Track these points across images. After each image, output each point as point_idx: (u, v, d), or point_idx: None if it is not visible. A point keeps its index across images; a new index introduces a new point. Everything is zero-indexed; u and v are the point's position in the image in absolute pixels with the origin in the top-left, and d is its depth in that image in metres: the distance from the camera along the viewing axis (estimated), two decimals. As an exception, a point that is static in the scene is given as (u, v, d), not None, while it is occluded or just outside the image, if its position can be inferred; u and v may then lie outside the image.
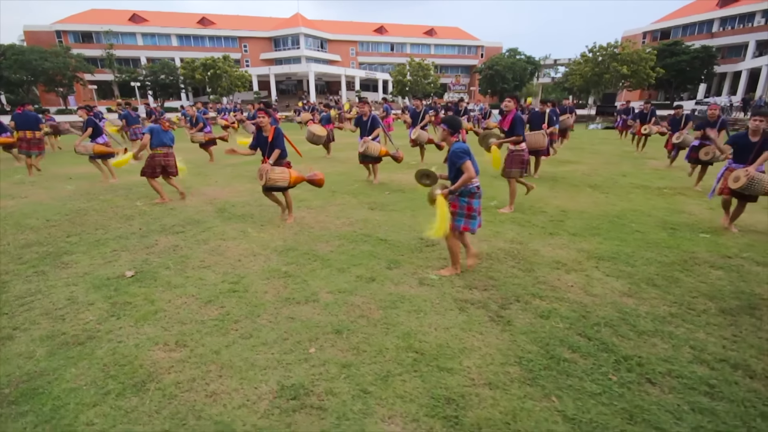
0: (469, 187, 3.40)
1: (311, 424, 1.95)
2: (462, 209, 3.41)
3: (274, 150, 4.54)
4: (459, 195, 3.42)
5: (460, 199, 3.43)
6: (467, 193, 3.42)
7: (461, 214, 3.41)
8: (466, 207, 3.41)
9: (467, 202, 3.42)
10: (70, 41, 42.62)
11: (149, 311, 2.99)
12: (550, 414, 1.99)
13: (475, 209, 3.44)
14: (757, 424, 1.92)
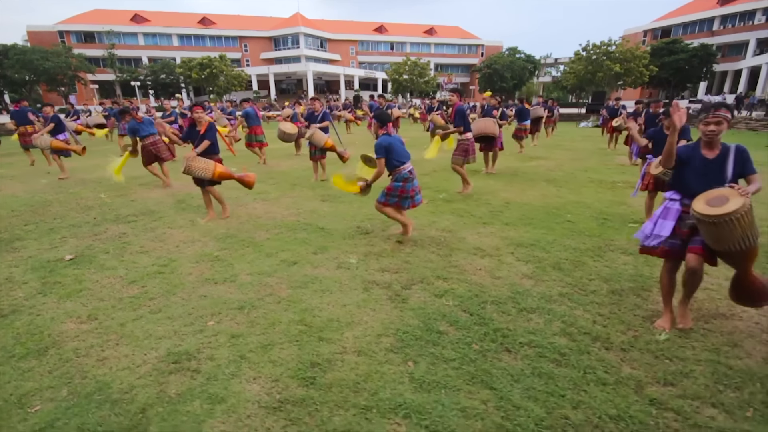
0: (402, 173, 3.78)
1: (181, 384, 2.15)
2: (395, 191, 3.86)
3: (203, 141, 4.64)
4: (394, 180, 3.81)
5: (395, 183, 3.84)
6: (401, 178, 3.84)
7: (394, 195, 3.86)
8: (399, 190, 3.85)
9: (401, 186, 3.85)
10: (72, 41, 43.24)
11: (74, 290, 3.21)
12: (400, 376, 2.18)
13: (408, 191, 3.86)
14: (590, 388, 2.08)
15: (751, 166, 2.40)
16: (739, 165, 2.40)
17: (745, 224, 2.16)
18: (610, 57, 26.84)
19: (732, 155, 2.42)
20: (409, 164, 3.90)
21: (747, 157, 2.40)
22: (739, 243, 2.21)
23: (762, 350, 2.37)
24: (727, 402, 1.97)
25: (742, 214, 2.13)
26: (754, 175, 2.39)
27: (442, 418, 1.88)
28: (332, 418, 1.90)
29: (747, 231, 2.18)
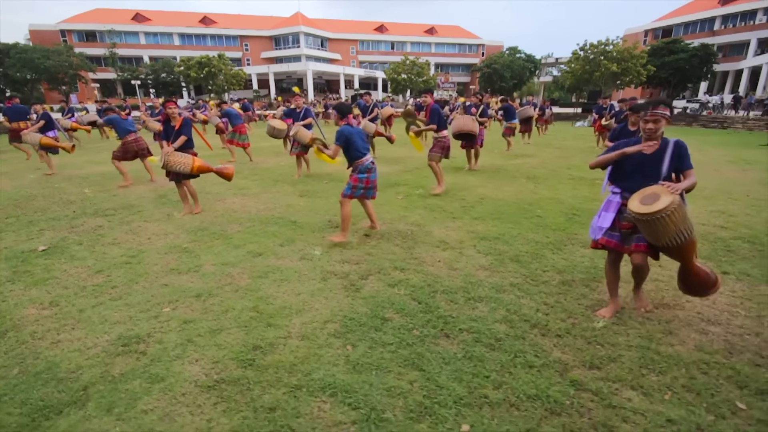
0: (365, 164, 3.87)
1: (126, 365, 2.24)
2: (361, 182, 3.90)
3: (179, 136, 4.73)
4: (358, 172, 3.89)
5: (359, 175, 3.90)
6: (364, 169, 3.90)
7: (360, 187, 3.90)
8: (365, 181, 3.92)
9: (365, 176, 3.92)
10: (74, 40, 43.54)
11: (42, 278, 3.31)
12: (337, 358, 2.26)
13: (372, 181, 3.97)
14: (515, 371, 2.15)
15: (688, 162, 2.45)
16: (676, 160, 2.46)
17: (676, 220, 2.21)
18: (607, 56, 26.76)
19: (670, 150, 2.47)
20: (369, 155, 3.97)
21: (684, 152, 2.45)
22: (674, 238, 2.27)
23: (696, 338, 2.44)
24: (648, 385, 2.04)
25: (671, 211, 2.18)
26: (688, 170, 2.44)
27: (367, 397, 1.96)
28: (262, 396, 1.98)
29: (680, 226, 2.24)
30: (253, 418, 1.84)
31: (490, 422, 1.81)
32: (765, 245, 3.88)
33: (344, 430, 1.78)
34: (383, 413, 1.86)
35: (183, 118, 4.80)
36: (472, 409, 1.89)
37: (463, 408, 1.89)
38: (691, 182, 2.41)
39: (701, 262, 2.54)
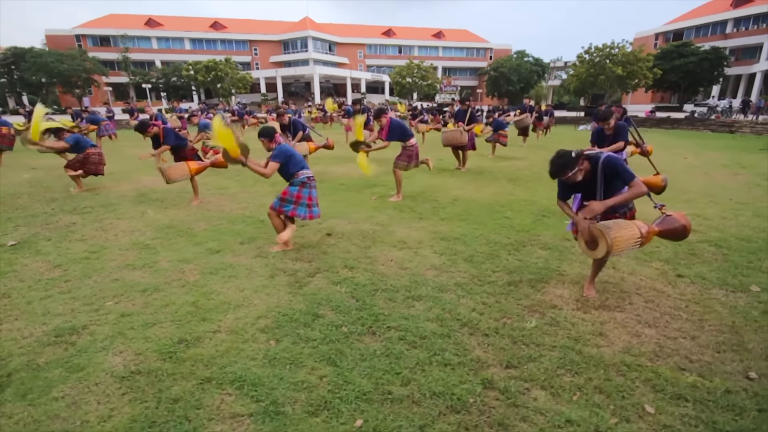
0: (300, 177, 3.70)
1: (53, 354, 2.29)
2: (291, 196, 3.70)
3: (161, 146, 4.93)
4: (290, 184, 3.73)
5: (290, 187, 3.72)
6: (297, 182, 3.72)
7: (289, 200, 3.69)
8: (296, 195, 3.70)
9: (297, 190, 3.71)
10: (88, 45, 44.78)
11: (2, 272, 3.40)
12: (257, 353, 2.28)
13: (304, 197, 3.71)
14: (429, 368, 2.14)
15: (625, 176, 2.53)
16: (610, 181, 2.59)
17: (620, 249, 2.50)
18: (612, 60, 26.43)
19: (600, 175, 2.58)
20: (308, 171, 3.78)
21: (614, 170, 2.54)
22: (633, 248, 2.59)
23: (626, 340, 2.40)
24: (559, 385, 2.01)
25: (612, 251, 2.47)
26: (631, 182, 2.52)
27: (272, 391, 1.97)
28: (171, 388, 2.01)
29: (628, 243, 2.51)
30: (155, 408, 1.87)
31: (385, 417, 1.81)
32: (731, 249, 3.79)
33: (240, 422, 1.80)
34: (282, 407, 1.87)
35: (164, 127, 4.94)
36: (371, 405, 1.88)
37: (363, 403, 1.89)
38: (629, 195, 2.52)
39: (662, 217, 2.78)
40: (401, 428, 1.75)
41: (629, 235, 2.55)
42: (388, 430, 1.74)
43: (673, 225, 2.75)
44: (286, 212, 3.69)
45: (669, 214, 2.84)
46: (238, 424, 1.79)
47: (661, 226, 2.77)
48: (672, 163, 9.09)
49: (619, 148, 4.43)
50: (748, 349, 2.30)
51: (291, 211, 3.70)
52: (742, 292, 2.97)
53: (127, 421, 1.80)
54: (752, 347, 2.32)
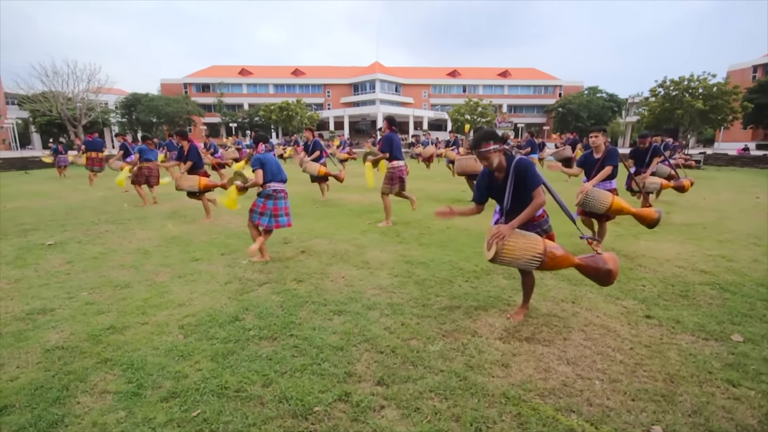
0: (266, 189, 4.04)
1: (16, 327, 2.72)
2: (257, 207, 4.04)
3: (187, 161, 5.67)
4: (257, 195, 4.07)
5: (257, 199, 4.07)
6: (263, 194, 4.06)
7: (255, 211, 4.04)
8: (261, 206, 4.04)
9: (262, 201, 4.05)
10: (193, 91, 52.70)
11: (28, 263, 4.12)
12: (162, 344, 2.47)
13: (269, 208, 4.03)
14: (301, 375, 2.15)
15: (531, 182, 2.45)
16: (521, 184, 2.49)
17: (513, 258, 2.39)
18: (692, 93, 23.93)
19: (511, 176, 2.52)
20: (276, 184, 4.06)
21: (525, 174, 2.47)
22: (528, 265, 2.42)
23: (528, 374, 2.16)
24: (417, 408, 1.89)
25: (501, 257, 2.39)
26: (533, 191, 2.43)
27: (148, 376, 2.13)
28: (73, 363, 2.28)
29: (523, 259, 2.37)
30: (51, 376, 2.13)
31: (222, 411, 1.85)
32: (738, 294, 3.20)
33: (103, 398, 1.98)
34: (144, 390, 2.02)
35: (190, 144, 5.73)
36: (220, 399, 1.95)
37: (214, 396, 1.96)
38: (532, 208, 2.41)
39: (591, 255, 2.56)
40: (229, 423, 1.79)
41: (526, 246, 2.36)
42: (217, 422, 1.79)
43: (597, 265, 2.51)
44: (253, 221, 4.02)
45: (599, 252, 2.59)
46: (101, 399, 1.97)
47: (584, 260, 2.52)
48: (736, 202, 7.89)
49: (606, 175, 4.07)
50: (674, 402, 1.93)
51: (256, 221, 4.01)
52: (717, 341, 2.49)
53: (24, 383, 2.09)
54: (682, 401, 1.94)
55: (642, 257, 4.19)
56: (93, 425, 1.78)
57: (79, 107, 30.26)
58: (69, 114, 30.04)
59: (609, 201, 3.92)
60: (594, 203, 3.95)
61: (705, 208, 7.27)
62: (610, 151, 4.12)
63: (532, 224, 2.65)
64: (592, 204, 3.96)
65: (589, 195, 3.94)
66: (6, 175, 15.77)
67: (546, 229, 2.71)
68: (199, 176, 5.73)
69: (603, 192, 3.97)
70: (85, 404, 1.93)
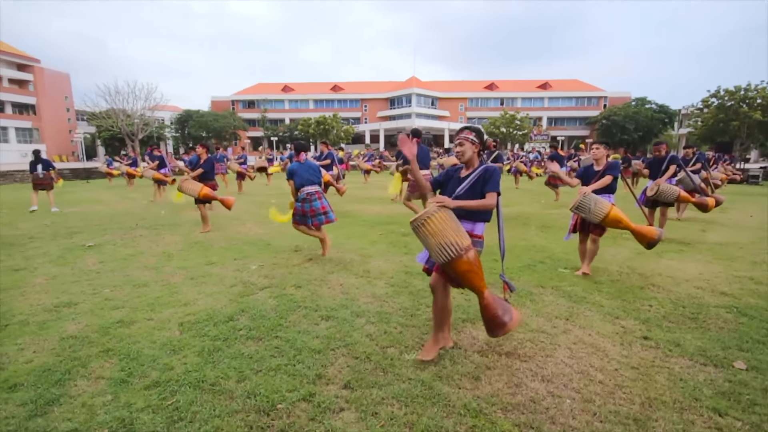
0: (300, 195, 4.51)
1: (42, 317, 3.06)
2: (297, 211, 4.54)
3: (198, 168, 6.17)
4: (296, 201, 4.55)
5: (296, 204, 4.57)
6: (299, 199, 4.54)
7: (297, 213, 4.55)
8: (301, 210, 4.53)
9: (300, 206, 4.54)
10: (239, 107, 55.94)
11: (67, 261, 4.60)
12: (160, 338, 2.68)
13: (307, 211, 4.52)
14: (276, 373, 2.25)
15: (489, 186, 2.40)
16: (481, 183, 2.43)
17: (432, 230, 2.17)
18: (749, 104, 22.00)
19: (476, 174, 2.47)
20: (309, 188, 4.52)
21: (490, 177, 2.43)
22: (440, 252, 2.18)
23: (497, 388, 2.13)
24: (376, 413, 1.93)
25: (424, 219, 2.18)
26: (488, 193, 2.39)
27: (140, 366, 2.33)
28: (81, 350, 2.53)
29: (439, 239, 2.17)
30: (59, 361, 2.39)
31: (194, 402, 1.99)
32: (756, 318, 2.94)
33: (97, 383, 2.19)
34: (132, 378, 2.21)
35: (207, 156, 6.15)
36: (195, 390, 2.09)
37: (191, 388, 2.11)
38: (478, 203, 2.36)
39: (501, 298, 2.37)
40: (197, 412, 1.92)
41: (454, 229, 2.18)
42: (187, 410, 1.93)
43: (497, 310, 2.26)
44: (298, 224, 4.54)
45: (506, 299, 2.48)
46: (95, 384, 2.18)
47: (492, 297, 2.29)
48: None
49: (605, 183, 3.89)
50: (646, 427, 1.83)
51: (299, 223, 4.55)
52: (716, 367, 2.32)
53: (36, 365, 2.35)
54: (654, 427, 1.83)
55: (658, 276, 3.95)
56: (82, 406, 1.98)
57: (137, 123, 33.10)
58: (128, 129, 32.92)
59: (606, 210, 3.71)
60: (590, 208, 3.75)
61: (748, 227, 6.69)
62: (611, 164, 3.97)
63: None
64: (588, 208, 3.76)
65: (587, 198, 3.77)
66: (71, 183, 17.54)
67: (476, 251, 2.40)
68: (203, 185, 5.97)
69: (602, 199, 3.79)
70: (80, 387, 2.15)
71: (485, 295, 2.26)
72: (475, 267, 2.23)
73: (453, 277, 2.32)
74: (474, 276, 2.22)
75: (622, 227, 3.78)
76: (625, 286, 3.67)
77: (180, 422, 1.86)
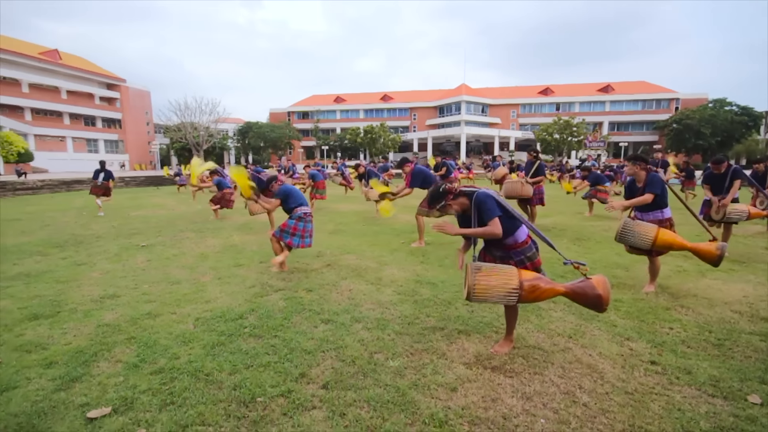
0: (297, 212, 4.48)
1: (88, 306, 3.54)
2: (289, 228, 4.44)
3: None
4: (289, 217, 4.51)
5: (289, 220, 4.48)
6: (295, 216, 4.49)
7: (287, 231, 4.43)
8: (292, 227, 4.44)
9: (294, 223, 4.46)
10: (295, 118, 58.98)
11: (121, 259, 5.21)
12: (176, 330, 2.99)
13: (299, 230, 4.43)
14: (262, 369, 2.42)
15: (485, 215, 2.47)
16: (478, 217, 2.52)
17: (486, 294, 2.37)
18: None
19: (473, 209, 2.55)
20: (305, 207, 4.50)
21: (482, 207, 2.51)
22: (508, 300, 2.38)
23: (471, 401, 2.12)
24: (344, 413, 2.01)
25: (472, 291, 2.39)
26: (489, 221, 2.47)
27: (153, 354, 2.62)
28: (111, 336, 2.90)
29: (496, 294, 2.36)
30: (90, 344, 2.76)
31: (187, 389, 2.21)
32: (798, 351, 2.59)
33: (115, 365, 2.50)
34: (143, 364, 2.50)
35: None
36: (191, 378, 2.31)
37: (188, 376, 2.34)
38: (483, 231, 2.48)
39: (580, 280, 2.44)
40: (187, 398, 2.13)
41: (499, 282, 2.31)
42: (179, 396, 2.15)
43: (584, 291, 2.38)
44: (284, 240, 4.46)
45: (588, 277, 2.41)
46: (113, 366, 2.50)
47: (570, 287, 2.39)
48: None
49: (644, 201, 3.61)
50: (621, 454, 1.73)
51: (288, 240, 4.44)
52: (725, 399, 2.10)
53: (72, 347, 2.74)
54: (631, 454, 1.72)
55: (691, 297, 3.60)
56: (98, 384, 2.29)
57: (202, 135, 36.24)
58: (194, 141, 36.14)
59: (652, 234, 3.44)
60: (633, 238, 3.51)
61: None
62: (650, 180, 3.68)
63: (515, 251, 2.60)
64: (630, 238, 3.53)
65: (625, 227, 3.53)
66: (142, 189, 19.64)
67: (530, 256, 2.62)
68: None
69: (643, 224, 3.53)
70: (101, 368, 2.47)
71: (566, 291, 2.41)
72: (538, 288, 2.36)
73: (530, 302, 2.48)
74: (543, 293, 2.39)
75: (677, 248, 3.51)
76: (649, 306, 3.39)
77: (171, 405, 2.08)
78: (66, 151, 41.96)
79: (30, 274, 4.51)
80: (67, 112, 42.74)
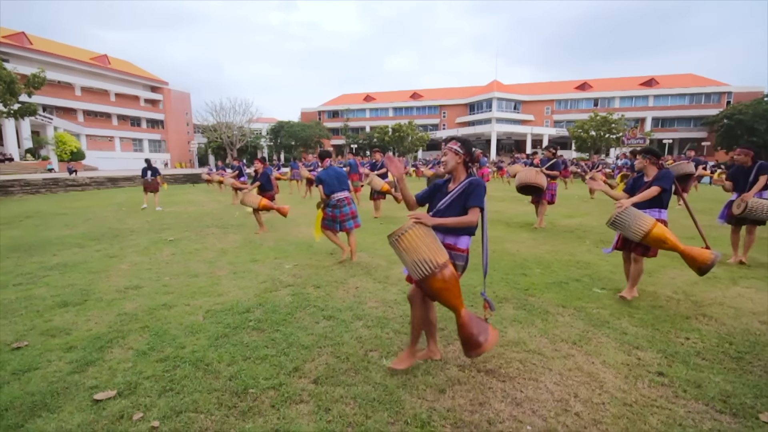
0: (331, 200, 4.80)
1: (112, 296, 3.79)
2: (327, 216, 4.82)
3: (256, 182, 6.92)
4: (325, 206, 4.82)
5: (327, 209, 4.85)
6: (330, 204, 4.83)
7: (327, 218, 4.83)
8: (330, 215, 4.81)
9: (330, 211, 4.82)
10: (325, 117, 59.92)
11: (150, 252, 5.53)
12: (186, 321, 3.14)
13: (337, 216, 4.80)
14: (259, 362, 2.51)
15: (472, 200, 2.31)
16: (465, 198, 2.36)
17: (406, 246, 2.17)
18: None
19: (461, 187, 2.40)
20: (339, 194, 4.78)
21: (473, 191, 2.35)
22: (414, 268, 2.18)
23: (459, 404, 2.09)
24: (329, 408, 2.05)
25: (399, 236, 2.19)
26: (470, 208, 2.31)
27: (161, 343, 2.78)
28: (127, 324, 3.09)
29: (414, 256, 2.15)
30: (108, 331, 2.96)
31: (185, 378, 2.33)
32: (831, 369, 2.36)
33: (126, 351, 2.67)
34: (152, 352, 2.65)
35: (264, 169, 6.85)
36: (191, 366, 2.43)
37: (189, 365, 2.46)
38: (458, 221, 2.29)
39: (480, 318, 2.23)
40: (185, 385, 2.25)
41: (430, 245, 2.15)
42: (178, 383, 2.27)
43: (473, 329, 2.13)
44: (326, 227, 4.84)
45: (485, 318, 2.28)
46: (124, 352, 2.67)
47: (469, 315, 2.18)
48: None
49: (651, 195, 3.38)
50: (606, 467, 1.65)
51: (329, 227, 4.82)
52: (733, 417, 1.95)
53: (92, 333, 2.95)
54: (617, 468, 1.64)
55: (716, 306, 3.36)
56: (108, 369, 2.46)
57: (236, 134, 37.59)
58: (228, 140, 37.57)
59: (647, 226, 3.21)
60: (627, 224, 3.28)
61: None
62: (660, 174, 3.47)
63: (450, 252, 2.35)
64: (624, 224, 3.30)
65: (623, 212, 3.32)
66: (179, 186, 20.67)
67: (458, 265, 2.36)
68: (261, 197, 6.67)
69: (643, 214, 3.32)
70: (114, 354, 2.65)
71: (461, 314, 2.18)
72: (450, 285, 2.17)
73: (428, 294, 2.30)
74: (448, 294, 2.17)
75: (668, 247, 3.29)
76: (667, 314, 3.20)
77: (170, 392, 2.20)
78: (114, 150, 44.91)
79: (67, 264, 4.88)
80: (116, 113, 45.71)
